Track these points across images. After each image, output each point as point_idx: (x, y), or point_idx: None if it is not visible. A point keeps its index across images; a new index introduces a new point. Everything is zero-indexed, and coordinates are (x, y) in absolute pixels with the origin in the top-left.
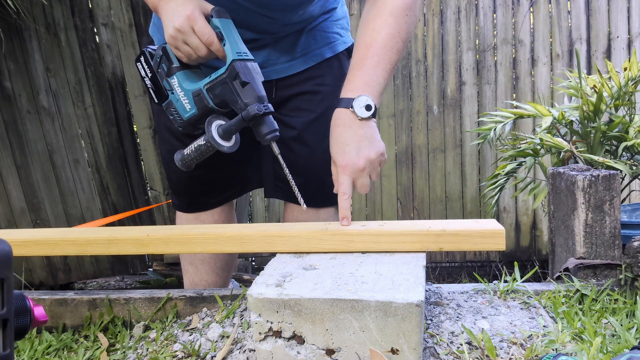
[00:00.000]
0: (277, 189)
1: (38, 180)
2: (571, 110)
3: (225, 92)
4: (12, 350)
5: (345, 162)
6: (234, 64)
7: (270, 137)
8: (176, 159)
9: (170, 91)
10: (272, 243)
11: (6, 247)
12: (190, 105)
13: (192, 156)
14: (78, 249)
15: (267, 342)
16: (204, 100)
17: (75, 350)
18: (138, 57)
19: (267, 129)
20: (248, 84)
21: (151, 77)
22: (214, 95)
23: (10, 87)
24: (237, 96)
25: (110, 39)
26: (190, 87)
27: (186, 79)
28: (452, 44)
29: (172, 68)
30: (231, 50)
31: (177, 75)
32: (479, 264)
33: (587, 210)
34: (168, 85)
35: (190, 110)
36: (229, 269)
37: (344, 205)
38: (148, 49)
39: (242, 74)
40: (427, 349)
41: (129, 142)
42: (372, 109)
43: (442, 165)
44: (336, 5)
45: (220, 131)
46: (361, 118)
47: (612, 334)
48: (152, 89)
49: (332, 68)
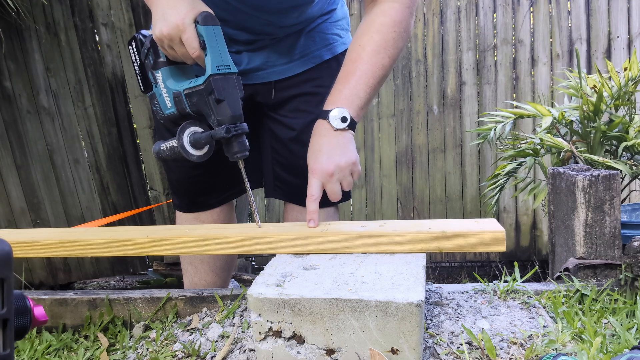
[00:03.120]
0: (277, 189)
1: (38, 180)
2: (571, 110)
3: (200, 103)
4: (12, 350)
5: (315, 166)
6: (211, 79)
7: (238, 157)
8: (154, 149)
9: (154, 84)
10: (272, 244)
11: (6, 247)
12: (171, 104)
13: (166, 154)
14: (78, 251)
15: (267, 342)
16: (182, 104)
17: (75, 350)
18: (130, 41)
19: (236, 148)
20: (223, 102)
21: (139, 65)
22: (191, 103)
23: (10, 87)
24: (211, 111)
25: (110, 39)
26: (172, 86)
27: (170, 77)
28: (452, 44)
29: (159, 62)
30: (211, 63)
31: (162, 71)
32: (479, 264)
33: (587, 210)
34: (153, 78)
35: (170, 108)
36: (229, 269)
37: (311, 208)
38: (140, 34)
39: (217, 90)
40: (427, 348)
41: (129, 142)
42: (347, 120)
43: (442, 165)
44: (336, 6)
45: (192, 139)
46: (336, 129)
47: (612, 334)
48: (139, 76)
49: (331, 69)
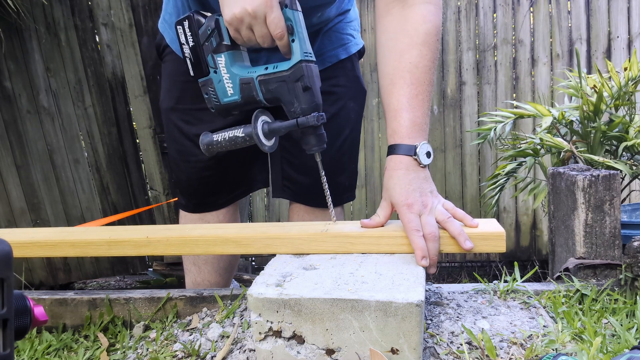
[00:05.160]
0: (285, 189)
1: (38, 180)
2: (571, 110)
3: (282, 90)
4: (12, 350)
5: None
6: (301, 65)
7: (315, 149)
8: (202, 141)
9: (213, 69)
10: (272, 245)
11: (6, 247)
12: (234, 91)
13: (221, 145)
14: (77, 251)
15: (267, 342)
16: (252, 91)
17: (75, 350)
18: (181, 21)
19: (314, 140)
20: (310, 89)
21: (192, 47)
22: (267, 90)
23: (10, 87)
24: (296, 99)
25: (110, 39)
26: (239, 72)
27: (235, 62)
28: (452, 44)
29: (222, 45)
30: (299, 49)
31: (226, 55)
32: (479, 264)
33: (587, 210)
34: (212, 63)
35: (231, 95)
36: (231, 269)
37: (420, 244)
38: (197, 14)
39: (306, 77)
40: (427, 349)
41: (129, 142)
42: (431, 155)
43: (442, 165)
44: (350, 6)
45: (267, 129)
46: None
47: (612, 334)
48: (190, 60)
49: (346, 69)
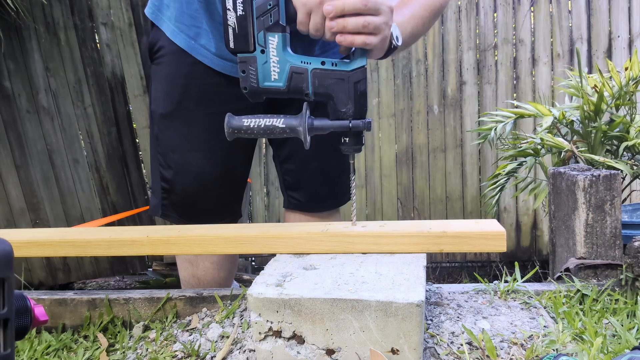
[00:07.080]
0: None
1: (37, 180)
2: (572, 110)
3: (336, 89)
4: (12, 350)
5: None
6: (364, 68)
7: (355, 150)
8: (229, 123)
9: (261, 47)
10: (272, 244)
11: (7, 247)
12: (279, 77)
13: (252, 131)
14: (77, 251)
15: (267, 342)
16: (302, 82)
17: (75, 350)
18: None
19: (356, 142)
20: (365, 95)
21: (240, 17)
22: (319, 84)
23: (9, 87)
24: (350, 101)
25: (110, 39)
26: (292, 59)
27: (287, 46)
28: (452, 44)
29: (279, 25)
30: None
31: (280, 37)
32: (479, 264)
33: (587, 210)
34: (262, 41)
35: (275, 81)
36: (233, 260)
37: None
38: None
39: (364, 81)
40: (427, 349)
41: (129, 141)
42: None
43: (443, 165)
44: None
45: (312, 124)
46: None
47: (613, 334)
48: (232, 29)
49: None
